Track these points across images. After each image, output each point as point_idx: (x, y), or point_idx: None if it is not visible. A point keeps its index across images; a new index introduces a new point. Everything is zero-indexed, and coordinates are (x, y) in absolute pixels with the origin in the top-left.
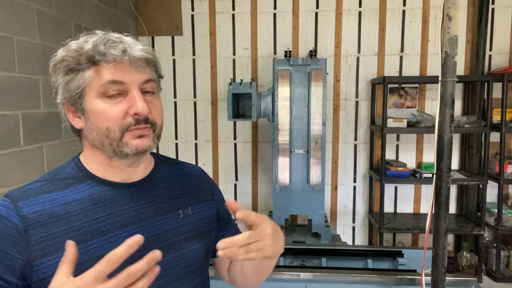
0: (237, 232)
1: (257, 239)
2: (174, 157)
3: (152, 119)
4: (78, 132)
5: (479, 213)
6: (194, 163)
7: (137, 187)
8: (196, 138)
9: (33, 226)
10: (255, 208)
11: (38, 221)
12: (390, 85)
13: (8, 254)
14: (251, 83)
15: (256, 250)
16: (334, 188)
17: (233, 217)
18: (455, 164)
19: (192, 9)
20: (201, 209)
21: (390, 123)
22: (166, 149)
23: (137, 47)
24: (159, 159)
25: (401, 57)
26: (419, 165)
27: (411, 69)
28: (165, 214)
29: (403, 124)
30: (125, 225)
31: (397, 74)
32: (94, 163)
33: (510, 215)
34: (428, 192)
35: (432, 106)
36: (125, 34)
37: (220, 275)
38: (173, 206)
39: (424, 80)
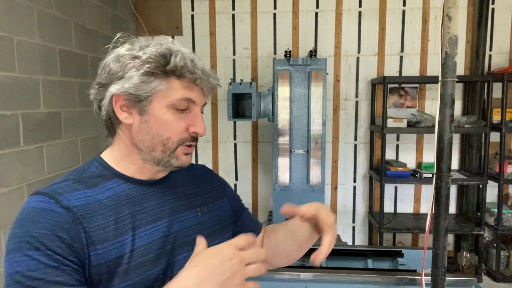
0: (251, 219)
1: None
2: None
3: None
4: (111, 124)
5: (479, 213)
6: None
7: (160, 185)
8: None
9: (77, 217)
10: (255, 208)
11: (80, 214)
12: (390, 85)
13: (63, 239)
14: (251, 83)
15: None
16: (334, 188)
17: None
18: (455, 164)
19: (192, 9)
20: (216, 206)
21: (390, 123)
22: None
23: (212, 74)
24: None
25: (401, 57)
26: (419, 165)
27: (411, 69)
28: (186, 211)
29: (403, 124)
30: (152, 221)
31: (397, 74)
32: (126, 161)
33: (510, 215)
34: (428, 192)
35: (432, 106)
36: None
37: None
38: (191, 203)
39: (424, 80)
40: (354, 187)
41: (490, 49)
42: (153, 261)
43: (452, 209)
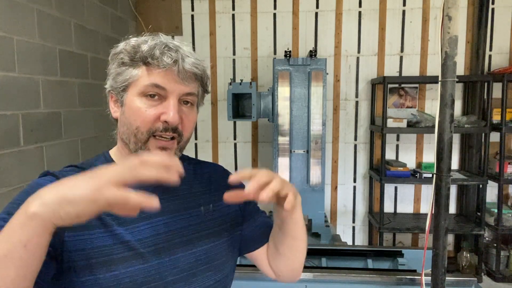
0: (262, 223)
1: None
2: None
3: (181, 129)
4: (116, 121)
5: (479, 213)
6: (209, 161)
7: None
8: (196, 138)
9: None
10: None
11: None
12: (390, 85)
13: None
14: (251, 83)
15: (273, 187)
16: (334, 188)
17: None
18: (455, 164)
19: (192, 9)
20: (222, 206)
21: (390, 123)
22: None
23: (189, 59)
24: (181, 156)
25: (401, 57)
26: (419, 165)
27: (411, 69)
28: (187, 209)
29: (403, 124)
30: (148, 217)
31: (397, 74)
32: (123, 156)
33: (510, 215)
34: (428, 192)
35: (432, 106)
36: (185, 43)
37: (266, 273)
38: (194, 202)
39: (424, 80)
40: (354, 187)
41: (490, 49)
42: (143, 257)
43: (452, 209)
